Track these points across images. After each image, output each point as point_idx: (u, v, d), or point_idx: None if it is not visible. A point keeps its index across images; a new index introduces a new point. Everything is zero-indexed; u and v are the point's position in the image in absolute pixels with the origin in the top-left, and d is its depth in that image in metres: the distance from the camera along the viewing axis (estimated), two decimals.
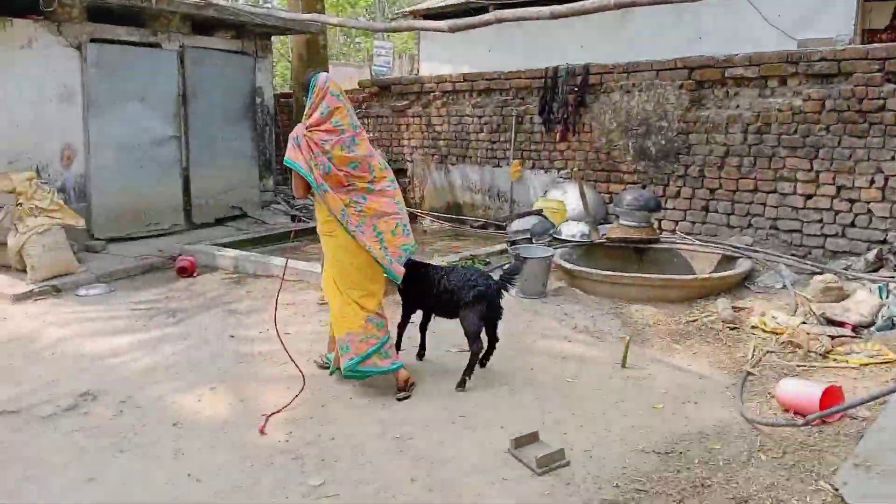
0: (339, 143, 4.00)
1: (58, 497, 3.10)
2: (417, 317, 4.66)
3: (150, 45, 8.04)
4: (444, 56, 12.56)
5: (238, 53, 9.14)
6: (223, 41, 8.96)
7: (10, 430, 3.71)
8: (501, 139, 9.25)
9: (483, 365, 4.40)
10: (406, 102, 10.32)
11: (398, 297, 4.71)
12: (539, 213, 7.70)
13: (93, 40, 7.48)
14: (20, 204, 6.52)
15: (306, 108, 4.07)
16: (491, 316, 4.28)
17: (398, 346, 4.51)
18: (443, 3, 12.32)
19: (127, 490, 3.16)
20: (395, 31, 12.27)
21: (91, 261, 7.04)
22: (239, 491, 3.15)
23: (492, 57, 11.53)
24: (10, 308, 5.90)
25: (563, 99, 8.45)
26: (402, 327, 4.60)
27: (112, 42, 7.65)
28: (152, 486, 3.18)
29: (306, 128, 4.03)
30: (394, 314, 4.67)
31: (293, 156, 4.01)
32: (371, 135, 9.59)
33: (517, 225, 7.48)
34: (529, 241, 6.94)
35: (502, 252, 7.25)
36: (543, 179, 8.84)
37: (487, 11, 10.89)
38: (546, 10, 4.76)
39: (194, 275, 6.79)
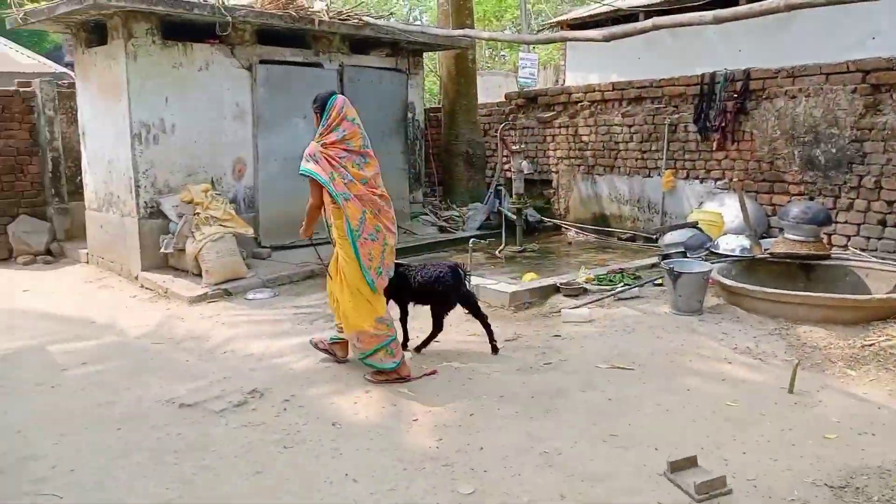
0: (351, 161, 4.40)
1: (229, 487, 3.34)
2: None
3: (313, 64, 8.54)
4: (591, 65, 12.36)
5: (392, 70, 9.50)
6: (378, 59, 9.35)
7: (187, 423, 4.04)
8: (652, 148, 8.97)
9: (495, 350, 4.99)
10: (553, 113, 10.27)
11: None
12: (694, 225, 7.38)
13: (262, 61, 8.05)
14: (197, 213, 7.13)
15: (321, 126, 4.41)
16: (463, 301, 5.06)
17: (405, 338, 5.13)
18: (591, 12, 12.15)
19: (290, 485, 3.34)
20: (547, 42, 12.25)
21: (258, 267, 7.56)
22: (393, 493, 3.24)
23: (641, 64, 11.20)
24: (187, 309, 6.44)
25: (720, 106, 8.08)
26: (402, 320, 5.17)
27: (278, 63, 8.20)
28: (314, 483, 3.35)
29: (322, 145, 4.37)
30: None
31: (313, 167, 4.34)
32: (517, 146, 9.62)
33: (670, 238, 7.21)
34: (683, 254, 6.67)
35: (653, 266, 7.02)
36: (698, 190, 8.47)
37: (637, 19, 10.63)
38: (708, 14, 4.55)
39: None
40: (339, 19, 8.55)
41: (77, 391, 4.57)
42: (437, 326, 5.00)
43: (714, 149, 8.23)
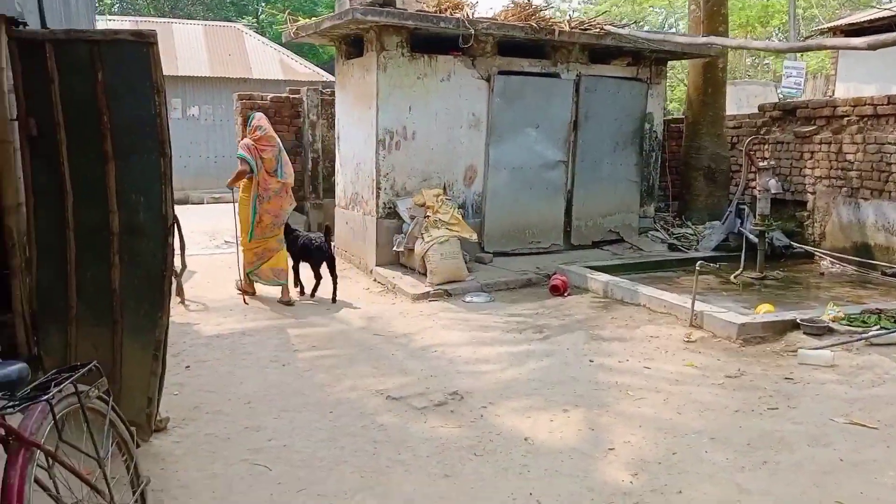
0: (270, 152, 6.67)
1: (417, 485, 3.43)
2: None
3: (549, 75, 8.55)
4: (867, 76, 10.95)
5: (631, 80, 9.19)
6: (618, 68, 9.11)
7: (391, 415, 4.24)
8: None
9: (334, 300, 6.89)
10: (812, 127, 9.22)
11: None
12: None
13: (500, 72, 8.24)
14: (428, 216, 7.49)
15: (249, 129, 6.76)
16: (327, 258, 6.91)
17: (296, 282, 7.20)
18: (869, 17, 10.74)
19: (475, 494, 3.34)
20: (801, 51, 11.12)
21: (478, 271, 7.75)
22: None
23: None
24: (409, 306, 6.79)
25: None
26: (295, 269, 7.17)
27: (516, 73, 8.33)
28: (497, 497, 3.32)
29: (253, 140, 6.64)
30: None
31: (247, 153, 6.58)
32: (766, 162, 8.78)
33: None
34: None
35: None
36: None
37: None
38: None
39: (565, 294, 7.00)
40: (580, 29, 8.47)
41: (303, 373, 5.02)
42: (317, 276, 7.00)
43: None
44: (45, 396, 2.21)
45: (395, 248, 7.73)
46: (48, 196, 4.25)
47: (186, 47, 20.51)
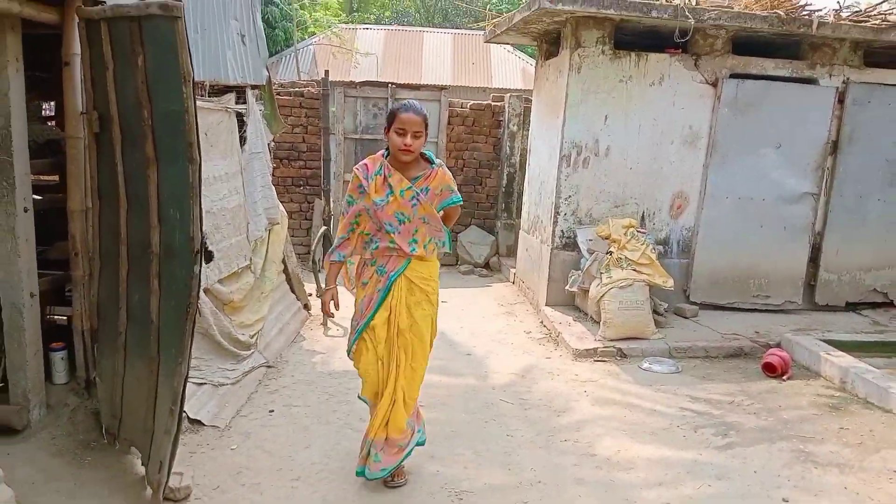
0: None
1: None
2: None
3: (802, 80, 6.55)
4: None
5: None
6: None
7: None
8: None
9: None
10: None
11: None
12: None
13: (732, 75, 6.46)
14: (611, 252, 6.04)
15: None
16: None
17: None
18: None
19: None
20: None
21: (672, 327, 6.10)
22: None
23: None
24: (566, 364, 5.42)
25: None
26: None
27: (754, 77, 6.48)
28: None
29: None
30: None
31: None
32: None
33: None
34: None
35: None
36: None
37: None
38: None
39: (783, 377, 5.11)
40: (852, 20, 6.37)
41: (352, 452, 3.96)
42: None
43: None
44: None
45: (567, 288, 6.36)
46: (110, 203, 3.74)
47: (433, 56, 20.71)
